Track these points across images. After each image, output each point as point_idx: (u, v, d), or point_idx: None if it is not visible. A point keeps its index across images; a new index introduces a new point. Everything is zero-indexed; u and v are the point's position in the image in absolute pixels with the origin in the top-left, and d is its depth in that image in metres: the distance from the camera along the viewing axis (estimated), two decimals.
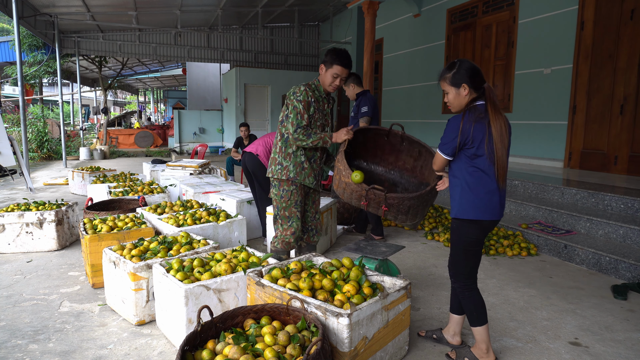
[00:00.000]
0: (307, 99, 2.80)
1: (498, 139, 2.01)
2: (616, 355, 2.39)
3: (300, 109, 2.77)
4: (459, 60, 2.12)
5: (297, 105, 2.78)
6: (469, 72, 2.07)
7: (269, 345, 1.82)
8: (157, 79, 28.04)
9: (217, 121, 15.66)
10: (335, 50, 2.83)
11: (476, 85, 2.08)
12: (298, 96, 2.80)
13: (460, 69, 2.08)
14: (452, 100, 2.13)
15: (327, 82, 2.85)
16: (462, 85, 2.08)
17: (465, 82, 2.07)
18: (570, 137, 6.26)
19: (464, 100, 2.11)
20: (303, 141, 2.76)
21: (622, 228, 3.82)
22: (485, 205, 2.08)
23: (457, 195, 2.13)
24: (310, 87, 2.88)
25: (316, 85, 2.92)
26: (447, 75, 2.12)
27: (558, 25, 6.36)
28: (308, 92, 2.81)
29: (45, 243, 4.14)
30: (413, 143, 2.89)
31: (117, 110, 39.41)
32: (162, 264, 2.61)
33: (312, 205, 3.08)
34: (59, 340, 2.49)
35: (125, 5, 10.70)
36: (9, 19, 12.06)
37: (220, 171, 7.07)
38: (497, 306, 3.00)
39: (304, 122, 2.77)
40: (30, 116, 14.13)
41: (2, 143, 6.74)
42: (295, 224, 2.93)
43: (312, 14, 13.71)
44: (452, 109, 2.17)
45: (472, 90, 2.08)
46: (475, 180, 2.08)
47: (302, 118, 2.77)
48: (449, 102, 2.16)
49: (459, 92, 2.10)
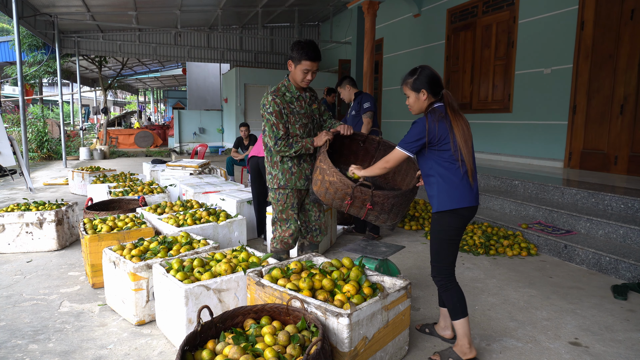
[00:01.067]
0: (277, 108, 2.72)
1: (461, 140, 2.16)
2: (616, 355, 2.39)
3: (274, 121, 2.72)
4: (421, 67, 2.27)
5: (270, 118, 2.73)
6: (428, 79, 2.23)
7: (269, 345, 1.82)
8: (157, 79, 28.03)
9: (217, 121, 15.65)
10: (300, 43, 2.70)
11: (435, 91, 2.24)
12: (267, 108, 2.74)
13: (421, 76, 2.24)
14: (412, 103, 2.30)
15: (299, 78, 2.76)
16: (422, 91, 2.24)
17: (424, 88, 2.23)
18: (570, 137, 6.26)
19: (423, 104, 2.27)
20: (286, 152, 2.76)
21: (622, 228, 3.82)
22: (461, 194, 2.20)
23: (435, 191, 2.24)
24: (278, 92, 2.78)
25: (286, 87, 2.82)
26: (409, 81, 2.27)
27: (558, 25, 6.36)
28: (276, 100, 2.72)
29: (45, 243, 4.14)
30: (389, 149, 2.92)
31: (117, 110, 39.41)
32: (162, 264, 2.61)
33: (314, 206, 3.08)
34: (59, 340, 2.49)
35: (125, 5, 10.70)
36: (9, 19, 12.06)
37: (220, 171, 7.07)
38: (497, 306, 3.00)
39: (281, 133, 2.72)
40: (30, 116, 14.12)
41: (2, 143, 6.74)
42: (293, 225, 2.95)
43: (312, 14, 13.71)
44: (412, 111, 2.34)
45: (430, 95, 2.24)
46: (447, 172, 2.20)
47: (278, 129, 2.73)
48: (410, 105, 2.32)
49: (419, 97, 2.26)
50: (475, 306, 3.00)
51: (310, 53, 2.67)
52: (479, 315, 2.85)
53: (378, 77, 10.99)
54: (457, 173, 2.19)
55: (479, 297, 3.15)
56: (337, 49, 13.68)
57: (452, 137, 2.16)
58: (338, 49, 13.53)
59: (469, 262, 3.93)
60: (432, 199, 2.27)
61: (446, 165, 2.19)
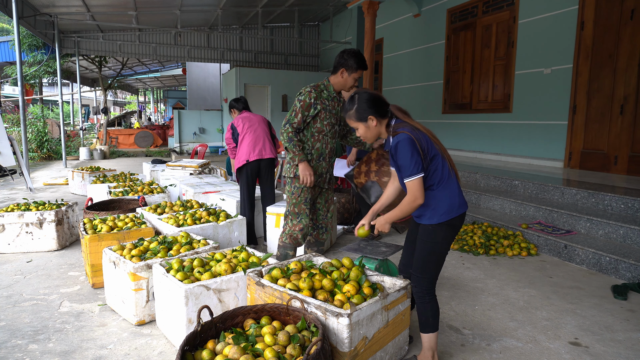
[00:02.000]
0: (309, 100, 2.90)
1: (438, 143, 2.05)
2: (616, 355, 2.39)
3: (297, 108, 2.91)
4: (357, 93, 2.10)
5: (296, 104, 2.93)
6: (370, 103, 2.05)
7: (269, 345, 1.82)
8: (157, 79, 28.03)
9: (217, 121, 15.65)
10: (356, 54, 2.86)
11: (382, 112, 2.06)
12: (300, 96, 2.93)
13: (361, 103, 2.06)
14: (364, 134, 2.10)
15: (349, 85, 2.94)
16: (369, 118, 2.05)
17: (370, 114, 2.05)
18: (570, 137, 6.26)
19: (375, 130, 2.09)
20: (284, 140, 2.93)
21: (622, 228, 3.82)
22: (460, 200, 2.08)
23: (438, 204, 2.06)
24: (317, 88, 2.96)
25: (325, 86, 3.00)
26: (350, 112, 2.09)
27: (558, 25, 6.36)
28: (312, 93, 2.91)
29: (45, 243, 4.14)
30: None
31: (117, 110, 39.41)
32: (162, 264, 2.61)
33: (324, 204, 3.20)
34: (59, 340, 2.49)
35: (125, 5, 10.70)
36: (9, 19, 12.06)
37: (220, 171, 7.07)
38: (497, 306, 3.00)
39: (295, 120, 2.90)
40: (30, 116, 14.12)
41: (2, 143, 6.74)
42: (304, 220, 3.04)
43: (312, 14, 13.71)
44: (367, 141, 2.16)
45: (380, 119, 2.06)
46: (440, 180, 2.05)
47: (295, 116, 2.91)
48: (363, 137, 2.12)
49: (368, 125, 2.07)
50: (475, 306, 3.00)
51: (365, 64, 2.88)
52: (479, 315, 2.86)
53: (378, 77, 10.99)
54: (451, 179, 2.07)
55: (479, 297, 3.15)
56: (337, 49, 13.69)
57: (433, 143, 2.03)
58: (338, 49, 13.53)
59: (469, 262, 3.93)
60: (426, 210, 2.08)
61: (437, 174, 2.04)
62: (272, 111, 13.47)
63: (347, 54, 2.87)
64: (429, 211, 2.08)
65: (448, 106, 8.67)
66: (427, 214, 2.10)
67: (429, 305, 2.16)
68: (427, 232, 2.12)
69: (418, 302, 2.20)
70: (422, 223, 2.13)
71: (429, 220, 2.09)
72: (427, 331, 2.18)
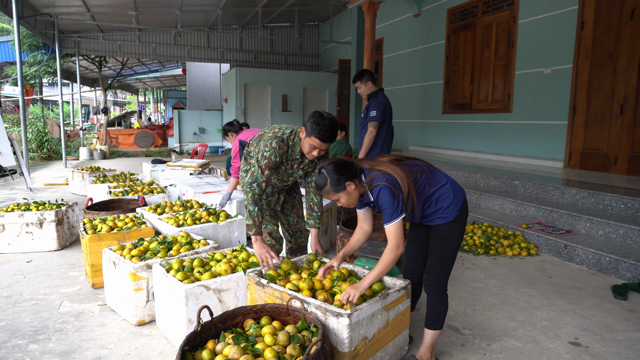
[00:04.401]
0: (274, 158, 2.56)
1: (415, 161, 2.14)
2: (616, 355, 2.39)
3: (262, 165, 2.55)
4: (322, 168, 2.06)
5: (260, 159, 2.57)
6: (341, 171, 2.02)
7: (269, 345, 1.82)
8: (157, 79, 28.03)
9: (217, 121, 15.64)
10: (320, 118, 2.38)
11: (354, 173, 2.05)
12: (266, 152, 2.56)
13: (332, 175, 2.02)
14: (348, 201, 2.06)
15: (305, 150, 2.51)
16: (346, 185, 2.02)
17: (346, 181, 2.02)
18: (570, 137, 6.26)
19: (356, 193, 2.07)
20: (248, 200, 2.56)
21: (622, 228, 3.82)
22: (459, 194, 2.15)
23: (445, 203, 2.09)
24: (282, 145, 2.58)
25: (294, 143, 2.62)
26: (326, 189, 2.05)
27: (558, 25, 6.36)
28: (277, 151, 2.55)
29: (45, 243, 4.14)
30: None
31: (117, 110, 39.41)
32: (162, 264, 2.61)
33: (292, 210, 3.11)
34: (59, 340, 2.49)
35: (125, 5, 10.70)
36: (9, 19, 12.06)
37: (220, 171, 7.07)
38: (497, 306, 3.00)
39: (262, 179, 2.54)
40: (30, 116, 14.13)
41: (2, 143, 6.74)
42: (269, 226, 2.99)
43: (312, 14, 13.71)
44: (352, 206, 2.13)
45: (355, 181, 2.04)
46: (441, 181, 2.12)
47: (262, 173, 2.55)
48: (347, 205, 2.08)
49: (348, 192, 2.05)
50: (475, 306, 3.00)
51: (322, 133, 2.37)
52: (479, 315, 2.86)
53: (378, 77, 10.99)
54: (451, 180, 2.16)
55: (479, 297, 3.15)
56: (337, 49, 13.68)
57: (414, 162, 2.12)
58: (338, 49, 13.53)
59: (469, 262, 3.93)
60: (439, 212, 2.10)
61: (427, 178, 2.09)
62: (272, 111, 13.47)
63: (312, 115, 2.42)
64: (439, 211, 2.11)
65: (448, 106, 8.67)
66: (437, 214, 2.12)
67: (444, 302, 2.22)
68: (443, 231, 2.14)
69: (434, 300, 2.22)
70: (437, 224, 2.14)
71: (443, 219, 2.11)
72: (433, 327, 2.22)
